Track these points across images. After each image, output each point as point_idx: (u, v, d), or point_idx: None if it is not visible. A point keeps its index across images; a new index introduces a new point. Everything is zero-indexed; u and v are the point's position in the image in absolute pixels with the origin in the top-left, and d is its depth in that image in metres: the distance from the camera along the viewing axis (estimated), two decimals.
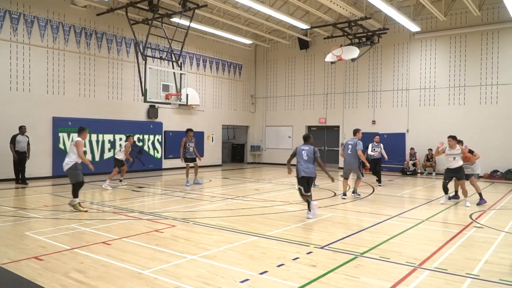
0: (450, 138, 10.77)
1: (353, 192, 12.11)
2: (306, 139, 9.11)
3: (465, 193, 10.59)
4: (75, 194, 9.29)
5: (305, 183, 8.78)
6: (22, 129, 13.95)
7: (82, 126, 9.81)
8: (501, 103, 18.02)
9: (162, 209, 9.66)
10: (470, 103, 18.81)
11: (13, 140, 13.76)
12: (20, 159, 13.87)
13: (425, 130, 19.95)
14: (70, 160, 9.22)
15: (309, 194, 8.84)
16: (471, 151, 10.91)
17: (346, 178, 11.95)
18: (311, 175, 8.77)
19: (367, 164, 12.30)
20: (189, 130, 14.47)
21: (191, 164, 14.32)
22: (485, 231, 7.82)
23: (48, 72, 15.84)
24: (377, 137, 15.56)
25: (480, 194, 10.85)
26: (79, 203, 9.32)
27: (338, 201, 11.40)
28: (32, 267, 5.37)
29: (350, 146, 11.72)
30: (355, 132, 12.34)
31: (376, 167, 15.11)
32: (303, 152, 8.82)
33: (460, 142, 10.88)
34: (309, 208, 8.80)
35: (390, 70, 21.11)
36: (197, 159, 14.43)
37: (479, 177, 17.91)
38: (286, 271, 5.31)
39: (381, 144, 15.35)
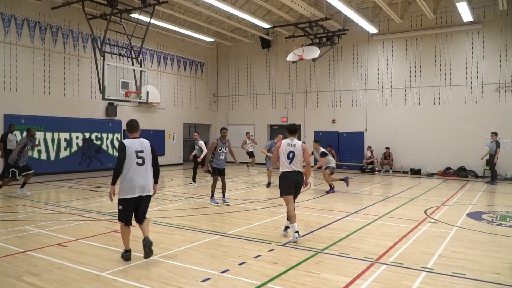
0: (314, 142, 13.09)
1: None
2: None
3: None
4: None
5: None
6: (11, 128, 14.00)
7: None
8: (453, 104, 18.82)
9: None
10: (424, 103, 19.53)
11: (4, 139, 13.73)
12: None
13: (382, 129, 20.54)
14: None
15: None
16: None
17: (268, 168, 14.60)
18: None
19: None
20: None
21: None
22: (438, 226, 8.15)
23: None
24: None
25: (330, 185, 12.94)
26: None
27: (300, 198, 11.53)
28: None
29: None
30: (275, 136, 14.63)
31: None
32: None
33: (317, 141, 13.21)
34: None
35: (350, 70, 21.58)
36: None
37: (432, 174, 18.75)
38: (248, 269, 5.33)
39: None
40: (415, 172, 19.24)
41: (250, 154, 19.05)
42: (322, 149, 12.91)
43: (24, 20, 15.83)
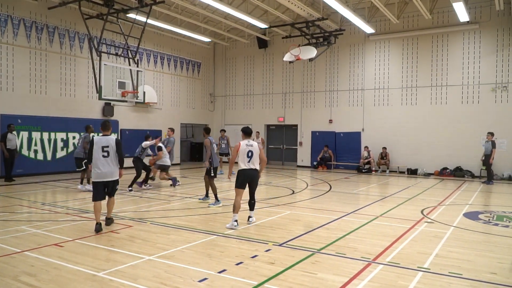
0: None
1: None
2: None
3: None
4: None
5: None
6: (10, 128, 14.29)
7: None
8: (450, 104, 18.86)
9: (118, 209, 9.41)
10: (421, 103, 19.57)
11: (4, 139, 14.05)
12: (10, 156, 14.23)
13: (379, 129, 20.57)
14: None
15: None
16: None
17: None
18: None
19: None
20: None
21: None
22: (435, 226, 8.17)
23: None
24: (150, 138, 13.35)
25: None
26: None
27: (297, 198, 11.56)
28: None
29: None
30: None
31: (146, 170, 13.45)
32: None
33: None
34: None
35: (346, 70, 21.60)
36: None
37: (429, 174, 18.80)
38: (245, 269, 5.33)
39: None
40: (412, 172, 19.28)
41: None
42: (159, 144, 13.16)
43: (21, 20, 15.77)
